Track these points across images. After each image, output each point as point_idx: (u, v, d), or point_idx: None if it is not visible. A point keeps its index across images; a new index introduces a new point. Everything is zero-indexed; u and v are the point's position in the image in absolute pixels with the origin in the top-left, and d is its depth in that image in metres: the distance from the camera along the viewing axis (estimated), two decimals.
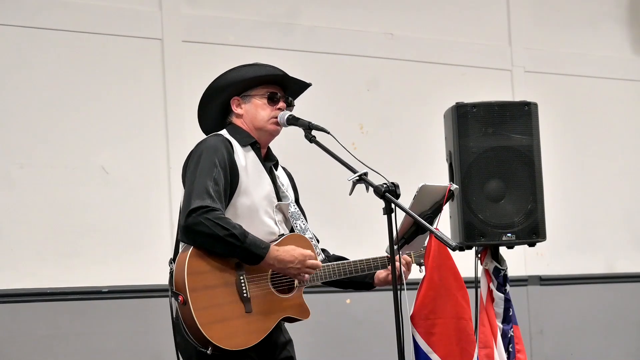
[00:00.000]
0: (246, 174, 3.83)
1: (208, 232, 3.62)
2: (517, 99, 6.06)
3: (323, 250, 4.13)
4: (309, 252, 3.79)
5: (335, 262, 3.93)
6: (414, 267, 4.05)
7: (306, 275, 3.79)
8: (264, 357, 3.81)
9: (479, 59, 7.22)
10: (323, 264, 3.89)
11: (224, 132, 3.92)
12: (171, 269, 3.72)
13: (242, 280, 3.71)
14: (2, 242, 5.50)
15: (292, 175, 4.17)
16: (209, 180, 3.69)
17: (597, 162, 7.64)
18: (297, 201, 4.09)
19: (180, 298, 3.63)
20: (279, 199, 3.93)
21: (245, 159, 3.86)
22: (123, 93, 5.92)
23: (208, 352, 3.63)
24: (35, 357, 5.50)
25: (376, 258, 3.96)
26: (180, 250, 3.77)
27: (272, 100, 3.92)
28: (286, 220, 3.94)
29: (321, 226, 4.45)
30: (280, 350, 3.89)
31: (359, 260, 3.94)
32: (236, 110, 3.94)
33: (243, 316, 3.69)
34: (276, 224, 3.88)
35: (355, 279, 4.02)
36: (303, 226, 3.94)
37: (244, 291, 3.71)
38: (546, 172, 4.98)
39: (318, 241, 4.10)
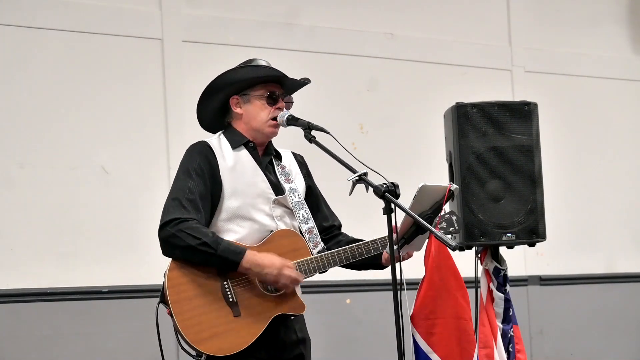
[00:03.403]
0: (233, 175, 3.84)
1: (181, 244, 3.66)
2: (517, 99, 6.04)
3: (338, 235, 4.09)
4: (289, 262, 3.77)
5: (330, 251, 3.87)
6: (419, 257, 3.99)
7: (287, 285, 3.75)
8: (273, 356, 3.81)
9: (479, 59, 7.23)
10: (319, 254, 3.86)
11: (216, 135, 3.95)
12: (163, 282, 3.76)
13: (227, 285, 3.72)
14: (2, 242, 5.51)
15: (304, 158, 4.16)
16: (182, 192, 3.73)
17: (597, 162, 7.64)
18: (309, 187, 4.06)
19: (167, 311, 3.69)
20: (278, 193, 3.92)
21: (234, 159, 3.87)
22: (123, 93, 5.92)
23: (202, 359, 3.68)
24: (35, 357, 5.50)
25: (375, 240, 3.90)
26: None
27: (271, 99, 3.92)
28: (290, 212, 3.93)
29: None
30: (291, 349, 3.87)
31: (356, 245, 3.88)
32: (235, 109, 3.95)
33: (231, 321, 3.70)
34: (274, 219, 3.87)
35: (364, 261, 3.95)
36: (305, 215, 3.93)
37: (230, 296, 3.71)
38: (546, 172, 4.98)
39: (329, 227, 4.07)
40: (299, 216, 3.91)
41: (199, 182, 3.76)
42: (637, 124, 7.85)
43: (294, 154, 4.12)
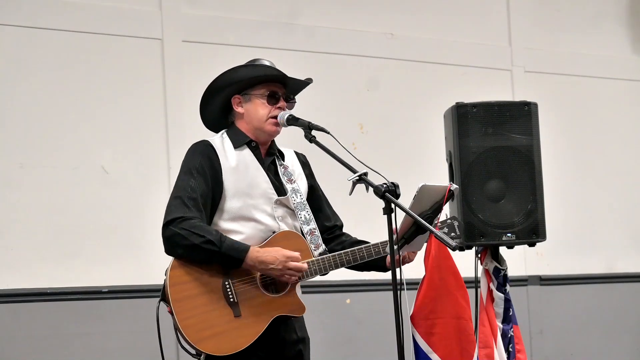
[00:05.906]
0: (235, 175, 3.84)
1: (185, 243, 3.67)
2: (517, 99, 6.05)
3: (341, 235, 4.10)
4: (293, 254, 3.78)
5: (334, 253, 3.89)
6: (418, 258, 4.00)
7: (292, 277, 3.78)
8: (273, 355, 3.82)
9: (479, 59, 7.22)
10: (321, 256, 3.87)
11: (219, 134, 3.95)
12: (164, 280, 3.75)
13: (228, 285, 3.73)
14: (2, 242, 5.51)
15: (307, 158, 4.15)
16: (184, 190, 3.75)
17: (597, 162, 7.64)
18: (312, 187, 4.07)
19: (167, 309, 3.69)
20: (280, 193, 3.92)
21: (236, 159, 3.87)
22: (123, 93, 5.92)
23: (201, 358, 3.69)
24: (35, 357, 5.50)
25: (377, 243, 3.91)
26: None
27: (272, 98, 3.92)
28: (292, 213, 3.93)
29: None
30: (290, 348, 3.89)
31: (358, 249, 3.89)
32: (237, 109, 3.96)
33: (232, 321, 3.71)
34: (276, 220, 3.88)
35: (368, 263, 3.96)
36: (307, 217, 3.93)
37: (231, 296, 3.72)
38: (546, 172, 4.98)
39: (331, 227, 4.07)
40: (301, 217, 3.92)
41: (200, 181, 3.77)
42: (637, 124, 7.85)
43: (296, 153, 4.12)
